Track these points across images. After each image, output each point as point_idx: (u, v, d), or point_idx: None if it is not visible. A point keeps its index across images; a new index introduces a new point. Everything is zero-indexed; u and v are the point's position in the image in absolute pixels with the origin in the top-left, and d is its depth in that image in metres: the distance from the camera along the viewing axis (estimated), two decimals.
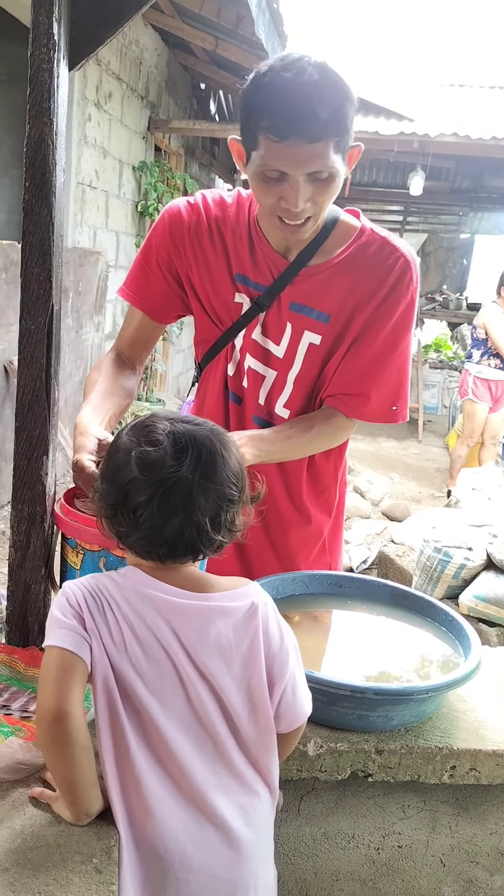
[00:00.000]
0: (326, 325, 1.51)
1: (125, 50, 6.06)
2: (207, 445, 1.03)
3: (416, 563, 3.33)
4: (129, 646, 1.01)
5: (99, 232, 6.01)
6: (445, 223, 12.41)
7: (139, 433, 1.04)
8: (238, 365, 1.59)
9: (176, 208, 1.56)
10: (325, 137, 1.26)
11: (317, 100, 1.24)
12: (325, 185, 1.33)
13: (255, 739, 1.06)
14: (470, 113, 8.87)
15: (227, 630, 1.04)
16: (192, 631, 1.02)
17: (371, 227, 1.53)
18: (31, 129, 1.28)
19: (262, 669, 1.05)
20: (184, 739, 1.02)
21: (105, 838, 1.03)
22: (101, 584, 1.04)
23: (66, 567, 1.41)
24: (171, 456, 1.00)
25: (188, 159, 8.52)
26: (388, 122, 7.97)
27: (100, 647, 1.00)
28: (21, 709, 1.26)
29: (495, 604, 2.99)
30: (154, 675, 1.01)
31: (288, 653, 1.08)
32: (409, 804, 1.37)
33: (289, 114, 1.24)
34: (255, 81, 1.29)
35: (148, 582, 1.04)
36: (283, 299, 1.52)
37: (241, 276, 1.53)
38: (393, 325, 1.52)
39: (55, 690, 0.96)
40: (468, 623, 1.46)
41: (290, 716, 1.08)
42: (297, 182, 1.30)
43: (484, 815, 1.39)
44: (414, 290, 1.52)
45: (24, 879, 0.96)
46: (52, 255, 1.32)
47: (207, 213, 1.54)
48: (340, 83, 1.27)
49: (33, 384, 1.35)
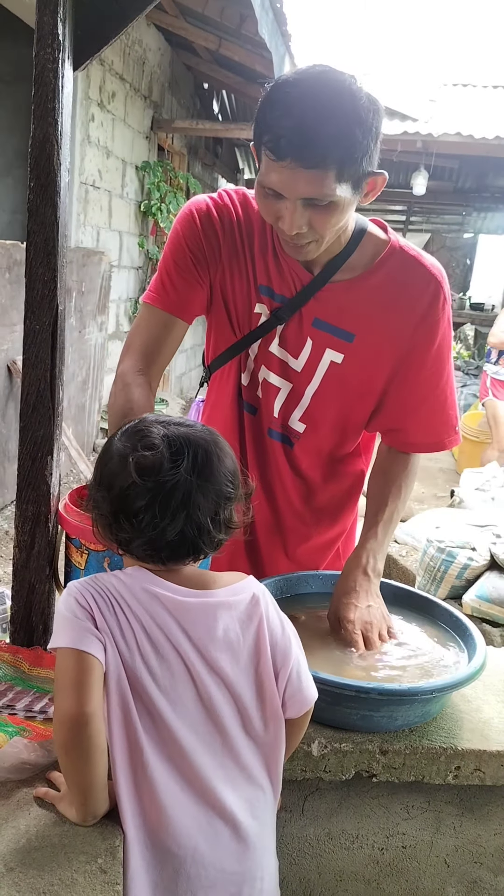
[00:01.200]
0: (350, 344, 1.47)
1: (128, 50, 6.07)
2: (202, 446, 1.04)
3: (420, 563, 3.32)
4: (141, 644, 1.01)
5: (102, 232, 6.01)
6: (449, 223, 12.39)
7: (133, 438, 1.04)
8: (252, 375, 1.56)
9: (204, 204, 1.49)
10: (323, 165, 1.19)
11: (319, 124, 1.17)
12: (324, 213, 1.27)
13: (263, 729, 1.08)
14: (474, 112, 8.86)
15: (233, 624, 1.05)
16: (200, 628, 1.03)
17: (401, 244, 1.48)
18: (35, 129, 1.28)
19: (269, 658, 1.07)
20: (193, 736, 1.03)
21: (110, 838, 1.03)
22: (107, 584, 1.04)
23: (70, 567, 1.42)
24: (168, 459, 1.00)
25: (191, 159, 8.52)
26: (392, 122, 7.97)
27: (112, 646, 1.00)
28: (25, 708, 1.26)
29: (499, 604, 2.98)
30: (165, 673, 1.02)
31: (290, 640, 1.10)
32: (414, 804, 1.37)
33: (288, 133, 1.19)
34: (269, 91, 1.24)
35: (155, 580, 1.04)
36: (305, 314, 1.47)
37: (266, 288, 1.48)
38: (436, 351, 1.49)
39: (76, 694, 0.96)
40: (472, 623, 1.46)
41: (297, 700, 1.09)
42: (292, 205, 1.26)
43: (488, 815, 1.39)
44: (448, 310, 1.49)
45: (28, 879, 0.96)
46: (56, 256, 1.32)
47: (238, 215, 1.48)
48: (354, 107, 1.19)
49: (37, 384, 1.35)
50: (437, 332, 1.48)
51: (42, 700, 1.28)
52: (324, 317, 1.47)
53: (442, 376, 1.52)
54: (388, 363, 1.49)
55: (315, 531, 1.66)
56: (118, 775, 1.01)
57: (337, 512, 1.68)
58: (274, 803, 1.11)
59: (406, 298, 1.45)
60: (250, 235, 1.48)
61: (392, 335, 1.46)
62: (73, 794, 1.04)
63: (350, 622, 1.40)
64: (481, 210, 11.88)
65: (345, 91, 1.20)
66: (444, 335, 1.49)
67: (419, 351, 1.48)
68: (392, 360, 1.48)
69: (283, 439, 1.58)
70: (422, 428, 1.56)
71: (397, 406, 1.53)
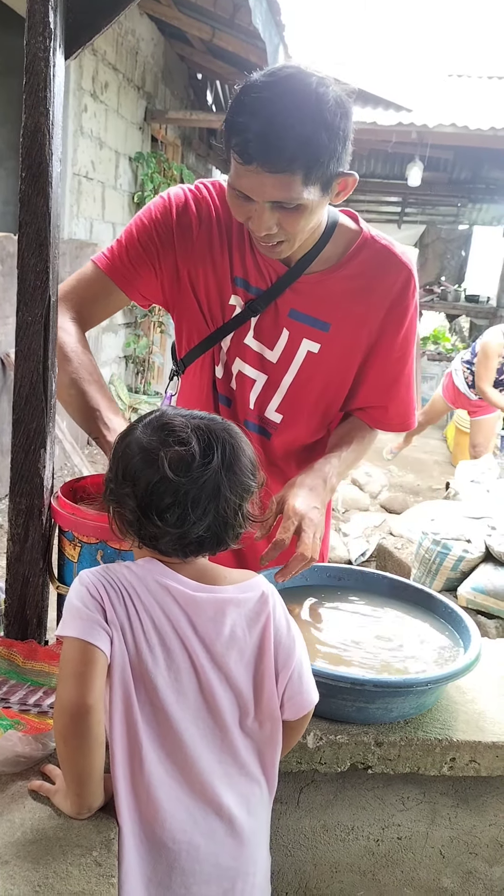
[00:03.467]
0: (327, 333, 1.50)
1: (121, 40, 6.03)
2: (229, 440, 1.03)
3: (415, 556, 3.33)
4: (148, 636, 1.01)
5: (95, 223, 5.99)
6: (444, 214, 12.38)
7: (160, 432, 1.02)
8: (226, 367, 1.57)
9: (182, 196, 1.50)
10: (290, 169, 1.21)
11: (285, 129, 1.19)
12: (293, 215, 1.29)
13: (260, 727, 1.08)
14: (469, 103, 8.85)
15: (240, 621, 1.05)
16: (208, 622, 1.03)
17: (372, 234, 1.51)
18: (27, 118, 1.27)
19: (271, 657, 1.07)
20: (194, 730, 1.03)
21: (104, 831, 1.03)
22: (119, 575, 1.03)
23: (63, 560, 1.41)
24: (200, 454, 1.00)
25: (185, 150, 8.49)
26: (387, 113, 7.96)
27: (120, 639, 0.99)
28: (20, 702, 1.25)
29: (494, 596, 2.99)
30: (170, 666, 1.02)
31: (294, 641, 1.10)
32: (409, 796, 1.37)
33: (254, 138, 1.20)
34: (238, 94, 1.25)
35: (167, 573, 1.04)
36: (280, 305, 1.50)
37: (241, 280, 1.50)
38: (403, 336, 1.54)
39: (78, 684, 0.96)
40: (467, 615, 1.46)
41: (297, 702, 1.09)
42: (261, 208, 1.28)
43: (483, 806, 1.39)
44: (417, 297, 1.54)
45: (23, 872, 0.96)
46: (48, 246, 1.31)
47: (216, 208, 1.49)
48: (320, 111, 1.20)
49: (30, 376, 1.34)
50: (406, 319, 1.52)
51: (36, 693, 1.28)
52: (300, 307, 1.49)
53: (407, 361, 1.58)
54: (363, 350, 1.53)
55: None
56: (116, 768, 1.01)
57: None
58: (269, 799, 1.12)
59: (379, 286, 1.49)
60: (229, 228, 1.49)
61: (366, 322, 1.50)
62: (69, 784, 1.03)
63: (294, 511, 1.37)
64: (476, 201, 11.88)
65: (311, 95, 1.21)
66: (412, 322, 1.54)
67: (389, 336, 1.52)
68: (366, 346, 1.53)
69: (260, 431, 1.59)
70: (391, 408, 1.61)
71: (367, 388, 1.58)
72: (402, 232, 12.08)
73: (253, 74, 1.26)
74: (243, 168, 1.24)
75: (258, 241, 1.38)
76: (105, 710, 1.00)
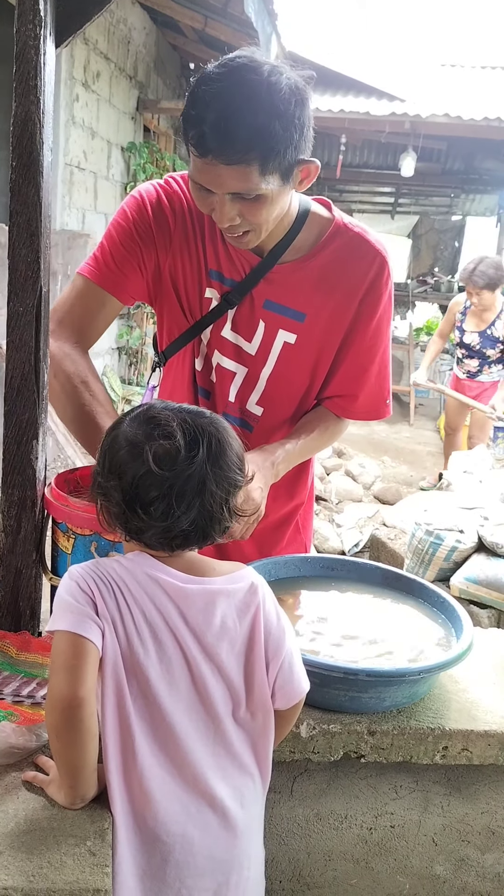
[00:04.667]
0: (302, 324, 1.50)
1: (113, 29, 5.98)
2: (215, 434, 1.03)
3: (408, 546, 3.34)
4: (140, 629, 1.01)
5: (87, 214, 5.96)
6: (437, 205, 12.35)
7: (146, 426, 1.02)
8: (206, 360, 1.57)
9: (154, 191, 1.49)
10: (245, 161, 1.21)
11: (237, 120, 1.19)
12: (254, 205, 1.29)
13: (252, 718, 1.08)
14: (462, 93, 8.81)
15: (230, 611, 1.06)
16: (199, 614, 1.03)
17: (345, 221, 1.51)
18: (17, 107, 1.26)
19: (262, 647, 1.07)
20: (187, 721, 1.03)
21: (98, 821, 1.03)
22: (109, 569, 1.03)
23: (57, 552, 1.41)
24: (185, 448, 1.00)
25: (177, 140, 8.44)
26: (380, 103, 7.92)
27: (111, 632, 1.00)
28: (13, 693, 1.25)
29: (486, 586, 3.00)
30: (162, 658, 1.02)
31: (284, 630, 1.10)
32: (402, 784, 1.38)
33: (208, 129, 1.20)
34: (192, 86, 1.25)
35: (157, 565, 1.04)
36: (255, 296, 1.49)
37: (216, 273, 1.50)
38: (376, 324, 1.53)
39: (70, 677, 0.96)
40: (460, 605, 1.46)
41: (287, 692, 1.10)
42: (221, 199, 1.28)
43: (475, 794, 1.40)
44: (391, 285, 1.53)
45: (17, 863, 0.96)
46: (39, 236, 1.30)
47: (188, 201, 1.48)
48: (271, 101, 1.20)
49: (22, 367, 1.34)
50: (380, 306, 1.52)
51: (30, 685, 1.28)
52: (274, 298, 1.49)
53: (380, 349, 1.57)
54: (338, 338, 1.53)
55: (272, 508, 1.66)
56: (109, 760, 1.01)
57: (292, 487, 1.69)
58: (263, 792, 1.12)
59: (352, 274, 1.48)
60: (201, 221, 1.49)
61: (341, 311, 1.50)
62: (63, 776, 1.04)
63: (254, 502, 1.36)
64: (469, 192, 11.84)
65: (262, 84, 1.21)
66: (385, 309, 1.54)
67: (362, 323, 1.52)
68: (341, 334, 1.52)
69: (241, 424, 1.59)
70: (361, 397, 1.60)
71: (338, 378, 1.57)
72: (395, 223, 12.06)
73: (208, 65, 1.26)
74: (200, 161, 1.24)
75: (225, 232, 1.38)
76: (98, 703, 1.00)
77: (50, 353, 1.39)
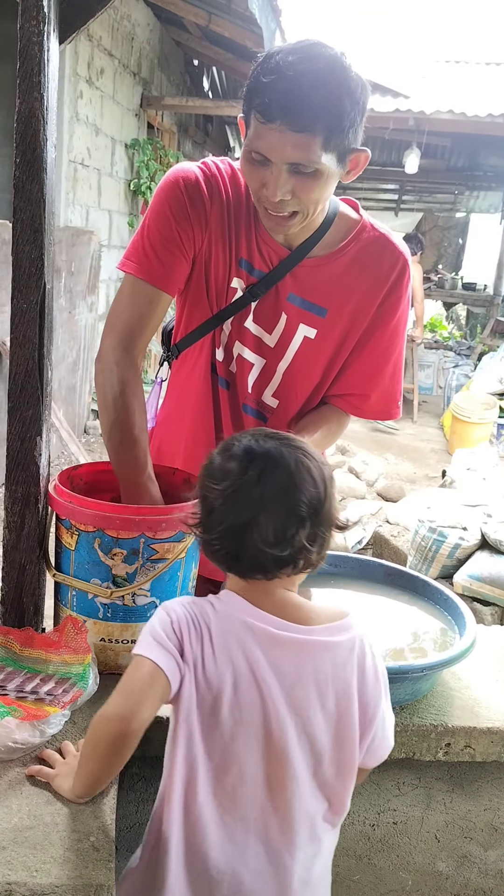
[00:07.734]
0: (323, 319, 1.50)
1: (117, 25, 5.98)
2: (279, 462, 1.00)
3: (411, 543, 3.34)
4: (222, 677, 0.98)
5: (91, 211, 5.95)
6: (441, 202, 12.33)
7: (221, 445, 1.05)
8: (227, 350, 1.56)
9: (192, 173, 1.46)
10: (311, 129, 1.22)
11: (311, 88, 1.20)
12: (308, 181, 1.28)
13: (335, 777, 1.04)
14: (466, 90, 8.78)
15: (325, 665, 1.01)
16: (290, 665, 1.00)
17: (371, 222, 1.52)
18: (21, 103, 1.26)
19: (356, 706, 1.02)
20: (256, 772, 1.00)
21: (101, 817, 1.04)
22: (203, 611, 1.01)
23: (60, 548, 1.41)
24: (237, 466, 0.99)
25: (181, 137, 8.44)
26: (384, 99, 7.89)
27: (191, 676, 0.98)
28: (17, 689, 1.26)
29: (489, 583, 3.00)
30: (242, 708, 0.99)
31: (381, 692, 1.05)
32: (405, 781, 1.38)
33: (279, 96, 1.20)
34: (262, 59, 1.26)
35: (248, 609, 1.01)
36: (280, 289, 1.49)
37: (245, 262, 1.49)
38: (394, 325, 1.54)
39: (132, 703, 0.96)
40: (463, 602, 1.46)
41: (376, 751, 1.07)
42: (278, 169, 1.27)
43: (478, 791, 1.40)
44: (410, 288, 1.55)
45: (21, 858, 0.97)
46: (43, 233, 1.30)
47: (225, 186, 1.47)
48: (347, 79, 1.22)
49: (25, 364, 1.34)
50: (399, 307, 1.53)
51: (33, 681, 1.28)
52: (298, 292, 1.49)
53: (396, 350, 1.58)
54: (356, 336, 1.53)
55: None
56: (171, 794, 1.00)
57: None
58: (331, 847, 1.09)
59: (376, 274, 1.49)
60: (238, 208, 1.48)
61: (362, 309, 1.51)
62: (81, 779, 1.04)
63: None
64: (474, 189, 11.82)
65: (337, 63, 1.23)
66: (403, 311, 1.55)
67: (382, 323, 1.53)
68: (359, 332, 1.53)
69: (257, 415, 1.59)
70: (373, 397, 1.61)
71: (350, 375, 1.57)
72: (399, 219, 12.03)
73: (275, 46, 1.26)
74: (264, 127, 1.24)
75: (268, 216, 1.36)
76: (169, 741, 1.00)
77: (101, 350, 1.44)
